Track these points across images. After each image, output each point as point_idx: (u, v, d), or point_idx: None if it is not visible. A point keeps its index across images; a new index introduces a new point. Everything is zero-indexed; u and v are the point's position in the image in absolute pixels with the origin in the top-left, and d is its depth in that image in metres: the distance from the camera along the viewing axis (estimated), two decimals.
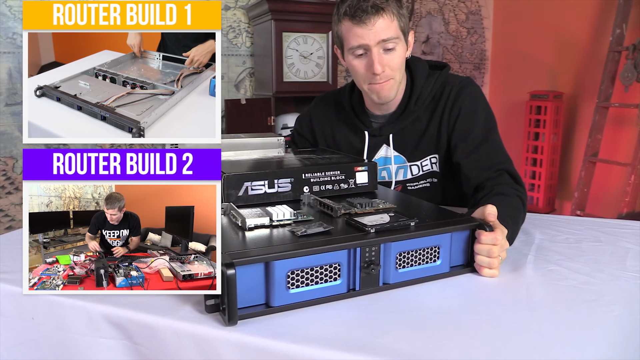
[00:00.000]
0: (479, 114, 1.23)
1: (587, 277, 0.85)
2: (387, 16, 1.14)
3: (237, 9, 3.00)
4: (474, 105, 1.23)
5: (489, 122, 1.23)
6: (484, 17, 3.61)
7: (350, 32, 1.16)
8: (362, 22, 1.13)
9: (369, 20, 1.13)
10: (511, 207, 1.02)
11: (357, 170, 1.03)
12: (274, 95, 2.82)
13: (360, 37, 1.15)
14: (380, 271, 0.78)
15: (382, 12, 1.13)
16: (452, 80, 1.27)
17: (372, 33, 1.14)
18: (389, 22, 1.14)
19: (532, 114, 3.04)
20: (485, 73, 3.70)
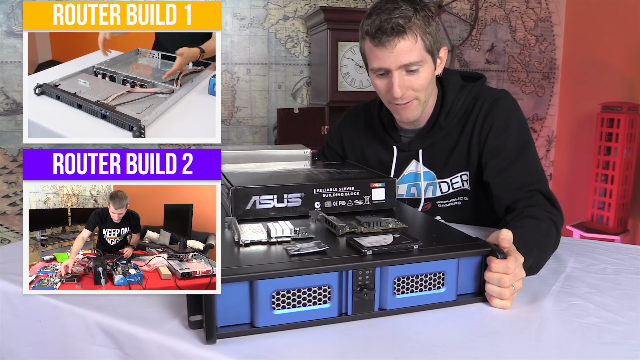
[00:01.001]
0: (512, 129, 1.15)
1: (614, 315, 0.76)
2: (410, 37, 1.07)
3: (296, 19, 3.03)
4: (507, 121, 1.15)
5: (522, 138, 1.14)
6: (555, 24, 3.42)
7: (372, 53, 1.11)
8: (381, 44, 1.07)
9: (389, 44, 1.06)
10: (540, 233, 0.94)
11: (373, 186, 0.99)
12: (328, 104, 2.81)
13: (380, 59, 1.09)
14: (376, 296, 0.74)
15: (404, 34, 1.06)
16: (485, 94, 1.19)
17: (393, 56, 1.08)
18: (411, 44, 1.07)
19: (603, 127, 2.82)
20: (555, 83, 3.50)
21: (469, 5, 3.26)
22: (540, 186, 1.08)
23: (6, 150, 2.71)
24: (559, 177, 3.58)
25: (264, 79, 3.05)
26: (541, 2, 3.37)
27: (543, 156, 3.59)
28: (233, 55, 2.96)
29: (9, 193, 2.75)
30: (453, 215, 1.26)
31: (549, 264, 0.96)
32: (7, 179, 2.73)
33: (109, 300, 0.80)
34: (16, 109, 2.68)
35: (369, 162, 1.32)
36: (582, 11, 3.29)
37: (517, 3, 3.34)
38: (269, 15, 2.99)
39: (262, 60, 3.02)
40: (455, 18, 3.24)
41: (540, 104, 3.51)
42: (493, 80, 3.39)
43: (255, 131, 3.08)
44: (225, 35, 2.93)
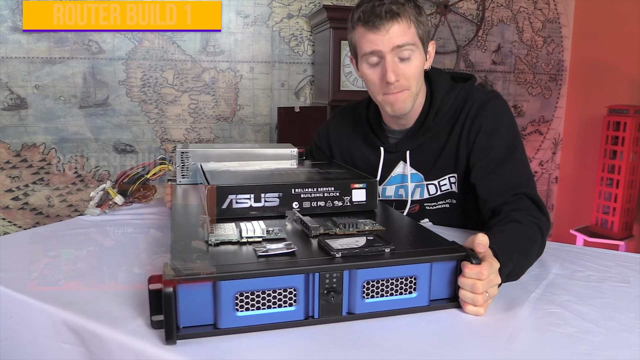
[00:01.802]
0: (501, 131, 1.12)
1: (591, 325, 0.74)
2: (404, 22, 1.07)
3: (300, 17, 3.02)
4: (496, 122, 1.13)
5: (511, 141, 1.12)
6: (563, 25, 3.36)
7: (364, 38, 1.09)
8: (375, 27, 1.06)
9: (382, 26, 1.06)
10: (522, 237, 0.92)
11: (353, 187, 0.98)
12: (330, 103, 2.80)
13: (373, 43, 1.08)
14: (344, 300, 0.72)
15: (398, 17, 1.06)
16: (475, 95, 1.17)
17: (387, 39, 1.07)
18: (405, 28, 1.07)
19: (609, 130, 2.77)
20: (563, 85, 3.44)
21: (475, 6, 3.22)
22: (527, 190, 1.05)
23: (9, 145, 2.73)
24: (564, 180, 3.53)
25: (267, 77, 3.04)
26: (549, 3, 3.33)
27: (549, 159, 3.54)
28: (236, 53, 2.96)
29: (12, 187, 2.77)
30: (441, 218, 1.24)
31: (531, 270, 0.94)
32: (10, 174, 2.76)
33: (78, 297, 0.79)
34: (20, 104, 2.70)
35: (356, 163, 1.30)
36: (591, 13, 3.23)
37: (524, 4, 3.29)
38: (273, 13, 2.98)
39: (266, 58, 3.01)
40: (462, 18, 3.21)
41: (547, 106, 3.46)
42: (499, 82, 3.35)
43: (258, 129, 3.07)
44: (229, 33, 2.93)
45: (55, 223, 1.19)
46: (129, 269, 0.91)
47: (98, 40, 2.75)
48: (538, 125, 3.48)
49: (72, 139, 2.81)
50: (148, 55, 2.83)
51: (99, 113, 2.82)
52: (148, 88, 2.87)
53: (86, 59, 2.75)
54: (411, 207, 1.24)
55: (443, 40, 3.22)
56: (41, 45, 2.68)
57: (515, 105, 3.41)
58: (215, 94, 2.98)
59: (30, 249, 1.02)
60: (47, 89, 2.73)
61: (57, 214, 2.85)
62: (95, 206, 1.23)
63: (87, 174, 2.88)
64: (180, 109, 2.94)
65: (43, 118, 2.75)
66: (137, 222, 1.19)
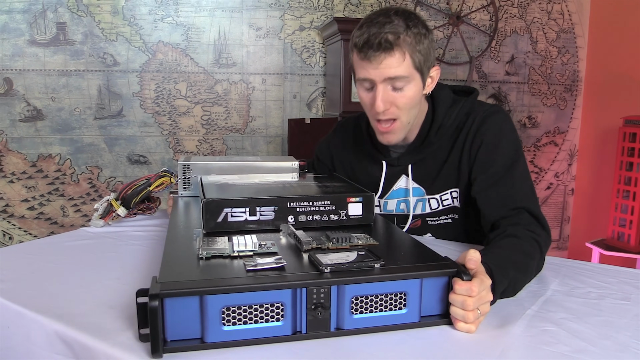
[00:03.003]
0: (502, 145, 1.11)
1: (585, 344, 0.72)
2: (398, 54, 1.04)
3: (312, 30, 3.04)
4: (498, 137, 1.12)
5: (512, 155, 1.11)
6: (578, 36, 3.33)
7: (358, 64, 1.09)
8: (367, 58, 1.05)
9: (375, 58, 1.04)
10: (520, 253, 0.91)
11: (349, 201, 0.98)
12: (341, 115, 2.80)
13: (366, 71, 1.07)
14: (332, 315, 0.72)
15: (391, 50, 1.03)
16: (477, 109, 1.16)
17: (379, 71, 1.05)
18: (399, 61, 1.05)
19: (625, 142, 2.73)
20: (578, 95, 3.40)
21: (488, 17, 3.21)
22: (528, 204, 1.04)
23: (26, 156, 2.79)
24: (580, 192, 3.48)
25: (279, 88, 3.06)
26: (564, 14, 3.30)
27: (565, 170, 3.49)
28: (249, 65, 2.99)
29: (27, 197, 2.82)
30: (444, 233, 1.23)
31: (529, 286, 0.92)
32: (27, 184, 2.81)
33: (72, 309, 0.80)
34: (37, 115, 2.76)
35: (358, 176, 1.30)
36: (606, 23, 3.19)
37: (538, 14, 3.27)
38: (285, 25, 3.00)
39: (278, 70, 3.04)
40: (474, 29, 3.20)
41: (562, 117, 3.42)
42: (513, 92, 3.32)
43: (270, 141, 3.09)
44: (242, 46, 2.96)
45: (57, 234, 1.21)
46: (126, 281, 0.92)
47: (113, 53, 2.80)
48: (553, 136, 3.43)
49: (86, 150, 2.86)
50: (161, 68, 2.88)
51: (113, 124, 2.87)
52: (161, 100, 2.91)
53: (101, 71, 2.81)
54: (413, 221, 1.23)
55: (456, 52, 3.21)
56: (57, 58, 2.74)
57: (529, 116, 3.37)
58: (227, 106, 3.00)
59: (31, 260, 1.03)
60: (63, 100, 2.79)
61: (71, 223, 2.90)
62: (99, 218, 1.24)
63: (101, 184, 2.92)
64: (193, 121, 2.98)
65: (59, 129, 2.81)
66: (139, 234, 1.20)
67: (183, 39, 2.88)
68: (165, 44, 2.86)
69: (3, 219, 2.81)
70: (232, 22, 2.93)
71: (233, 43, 2.95)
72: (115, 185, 2.93)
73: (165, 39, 2.86)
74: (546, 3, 3.26)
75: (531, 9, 3.25)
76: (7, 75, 2.69)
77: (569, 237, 3.57)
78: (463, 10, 3.16)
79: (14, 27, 2.66)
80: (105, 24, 2.77)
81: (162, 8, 2.83)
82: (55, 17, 2.71)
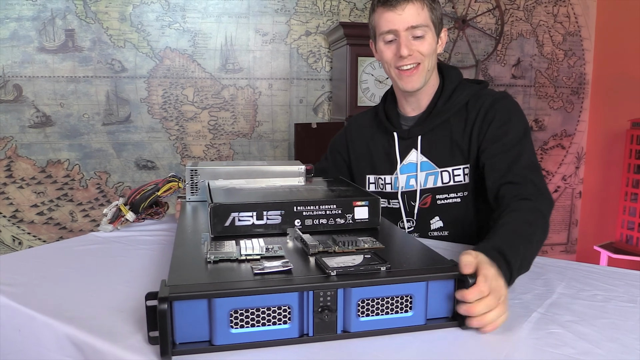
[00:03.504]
0: (514, 122, 1.19)
1: (591, 347, 0.72)
2: (418, 3, 1.18)
3: (318, 34, 3.05)
4: (510, 115, 1.20)
5: (522, 132, 1.17)
6: (584, 38, 3.32)
7: (382, 17, 1.20)
8: (392, 6, 1.18)
9: (399, 5, 1.17)
10: (524, 224, 0.96)
11: (355, 205, 0.98)
12: (347, 119, 2.81)
13: (390, 22, 1.19)
14: (339, 318, 0.73)
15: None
16: (488, 92, 1.25)
17: (402, 18, 1.18)
18: (419, 9, 1.18)
19: (632, 144, 2.72)
20: (585, 98, 3.39)
21: (494, 20, 3.21)
22: (532, 175, 1.09)
23: (35, 162, 2.82)
24: (588, 195, 3.46)
25: (285, 93, 3.08)
26: (570, 17, 3.29)
27: (572, 173, 3.48)
28: (255, 70, 3.01)
29: (37, 202, 2.85)
30: (453, 214, 1.26)
31: (535, 288, 0.93)
32: (36, 189, 2.84)
33: (83, 312, 0.81)
34: (46, 121, 2.79)
35: (374, 156, 1.37)
36: (612, 25, 3.19)
37: (544, 17, 3.27)
38: (291, 31, 3.02)
39: (284, 75, 3.06)
40: (480, 32, 3.20)
41: (569, 119, 3.41)
42: (519, 95, 3.32)
43: (277, 145, 3.11)
44: (248, 51, 2.98)
45: (67, 239, 1.23)
46: (135, 284, 0.93)
47: (121, 59, 2.83)
48: (560, 139, 3.42)
49: (95, 155, 2.89)
50: (169, 73, 2.90)
51: (121, 130, 2.90)
52: (169, 105, 2.94)
53: (109, 77, 2.84)
54: (423, 199, 1.26)
55: (462, 55, 3.21)
56: (66, 65, 2.77)
57: (536, 119, 3.37)
58: (234, 111, 3.02)
59: (42, 264, 1.05)
60: (72, 107, 2.82)
61: (80, 228, 2.92)
62: (108, 222, 1.26)
63: (110, 189, 2.95)
64: (200, 126, 3.00)
65: (67, 135, 2.83)
66: (147, 239, 1.22)
67: (190, 44, 2.90)
68: (173, 50, 2.89)
69: (13, 224, 2.84)
70: (239, 27, 2.96)
71: (240, 48, 2.97)
72: (123, 190, 2.96)
73: (173, 45, 2.88)
74: (552, 6, 3.26)
75: (537, 12, 3.25)
76: (17, 82, 2.73)
77: (577, 240, 3.56)
78: (469, 13, 3.17)
79: (23, 34, 2.70)
80: (113, 31, 2.80)
81: (170, 14, 2.86)
82: (64, 24, 2.74)
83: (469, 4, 3.16)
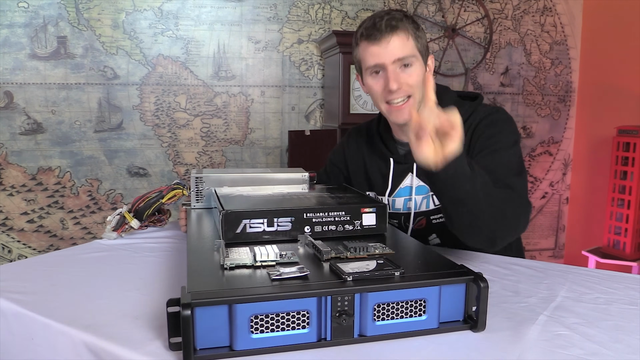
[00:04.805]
0: (503, 135, 1.17)
1: (598, 347, 0.75)
2: (402, 34, 1.15)
3: (310, 42, 3.08)
4: (500, 127, 1.18)
5: (513, 142, 1.16)
6: (571, 47, 3.40)
7: (367, 51, 1.17)
8: (376, 40, 1.15)
9: (383, 38, 1.14)
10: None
11: (363, 211, 1.00)
12: (340, 126, 2.84)
13: (376, 55, 1.16)
14: (355, 322, 0.74)
15: (397, 29, 1.15)
16: (481, 109, 1.23)
17: (388, 51, 1.15)
18: (404, 40, 1.15)
19: (619, 151, 2.78)
20: (572, 106, 3.47)
21: (483, 29, 3.27)
22: (512, 178, 1.08)
23: (26, 169, 2.79)
24: (575, 201, 3.53)
25: (278, 101, 3.09)
26: (556, 26, 3.37)
27: (559, 180, 3.54)
28: (248, 78, 3.02)
29: (27, 210, 2.82)
30: (449, 233, 1.26)
31: (540, 292, 0.96)
32: (26, 197, 2.81)
33: (98, 319, 0.82)
34: (37, 128, 2.77)
35: (371, 176, 1.36)
36: (598, 35, 3.27)
37: (532, 26, 3.34)
38: (283, 39, 3.04)
39: (277, 82, 3.07)
40: (469, 41, 3.26)
41: (556, 127, 3.48)
42: (508, 103, 3.38)
43: (269, 152, 3.12)
44: (241, 58, 2.99)
45: (73, 247, 1.23)
46: (146, 291, 0.93)
47: (113, 66, 2.82)
48: (548, 146, 3.49)
49: (86, 162, 2.87)
50: (161, 81, 2.90)
51: (113, 137, 2.89)
52: (161, 112, 2.93)
53: (101, 84, 2.83)
54: (418, 221, 1.27)
55: (451, 63, 3.26)
56: (58, 72, 2.75)
57: (524, 126, 3.43)
58: (226, 118, 3.03)
59: (49, 272, 1.05)
60: (63, 114, 2.80)
61: (70, 236, 2.90)
62: (112, 230, 1.26)
63: (101, 197, 2.93)
64: (193, 133, 3.00)
65: (59, 142, 2.81)
66: (153, 246, 1.22)
67: (183, 52, 2.91)
68: (165, 57, 2.89)
69: (2, 232, 2.81)
70: (232, 35, 2.97)
71: (232, 56, 2.98)
72: (115, 198, 2.94)
73: (165, 52, 2.89)
74: (539, 15, 3.33)
75: (525, 21, 3.32)
76: (8, 89, 2.70)
77: (564, 245, 3.62)
78: (458, 23, 3.22)
79: (15, 41, 2.68)
80: (105, 38, 2.80)
81: (162, 22, 2.86)
82: (56, 31, 2.73)
83: (459, 13, 3.22)
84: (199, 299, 0.68)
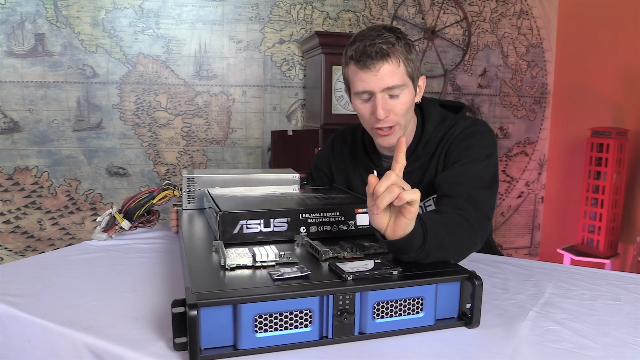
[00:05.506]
0: (480, 145, 1.17)
1: (587, 341, 0.78)
2: (393, 62, 1.12)
3: (292, 43, 3.09)
4: (474, 139, 1.19)
5: (487, 155, 1.16)
6: (546, 50, 3.49)
7: (356, 76, 1.15)
8: (366, 67, 1.12)
9: (373, 66, 1.11)
10: (446, 219, 0.96)
11: (358, 212, 1.02)
12: (322, 126, 2.85)
13: (365, 82, 1.13)
14: (356, 320, 0.76)
15: (388, 57, 1.11)
16: (461, 122, 1.24)
17: (377, 79, 1.12)
18: (394, 68, 1.12)
19: (593, 152, 2.87)
20: (547, 107, 3.56)
21: (461, 31, 3.33)
22: (477, 192, 1.07)
23: (2, 169, 2.73)
24: (550, 200, 3.62)
25: (259, 100, 3.09)
26: (533, 29, 3.45)
27: (535, 179, 3.63)
28: (229, 77, 3.01)
29: (3, 211, 2.76)
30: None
31: (528, 289, 0.99)
32: (2, 197, 2.75)
33: (97, 321, 0.82)
34: (13, 127, 2.71)
35: (354, 185, 1.36)
36: (572, 38, 3.36)
37: (509, 29, 3.41)
38: (265, 38, 3.05)
39: (258, 82, 3.07)
40: (448, 43, 3.31)
41: (532, 127, 3.57)
42: (485, 104, 3.45)
43: (250, 152, 3.12)
44: (222, 58, 2.98)
45: (63, 248, 1.22)
46: (143, 292, 0.94)
47: (92, 64, 2.79)
48: (524, 146, 3.57)
49: (65, 162, 2.82)
50: (142, 80, 2.87)
51: (92, 136, 2.85)
52: (141, 112, 2.91)
53: (80, 83, 2.79)
54: None
55: (431, 65, 3.32)
56: (35, 70, 2.70)
57: (501, 127, 3.50)
58: (208, 118, 3.02)
59: (41, 274, 1.04)
60: (41, 112, 2.75)
61: (48, 237, 2.85)
62: (102, 231, 1.25)
63: (80, 197, 2.89)
64: (173, 132, 2.98)
65: (36, 141, 2.76)
66: (144, 247, 1.22)
67: (164, 51, 2.89)
68: (146, 55, 2.86)
69: None
70: (213, 34, 2.96)
71: (213, 55, 2.97)
72: (94, 197, 2.90)
73: (146, 51, 2.86)
74: (516, 19, 3.41)
75: (502, 24, 3.39)
76: None
77: (539, 243, 3.71)
78: (438, 25, 3.27)
79: None
80: (84, 36, 2.76)
81: (143, 20, 2.83)
82: (34, 28, 2.68)
83: (438, 15, 3.27)
84: (204, 300, 0.68)
